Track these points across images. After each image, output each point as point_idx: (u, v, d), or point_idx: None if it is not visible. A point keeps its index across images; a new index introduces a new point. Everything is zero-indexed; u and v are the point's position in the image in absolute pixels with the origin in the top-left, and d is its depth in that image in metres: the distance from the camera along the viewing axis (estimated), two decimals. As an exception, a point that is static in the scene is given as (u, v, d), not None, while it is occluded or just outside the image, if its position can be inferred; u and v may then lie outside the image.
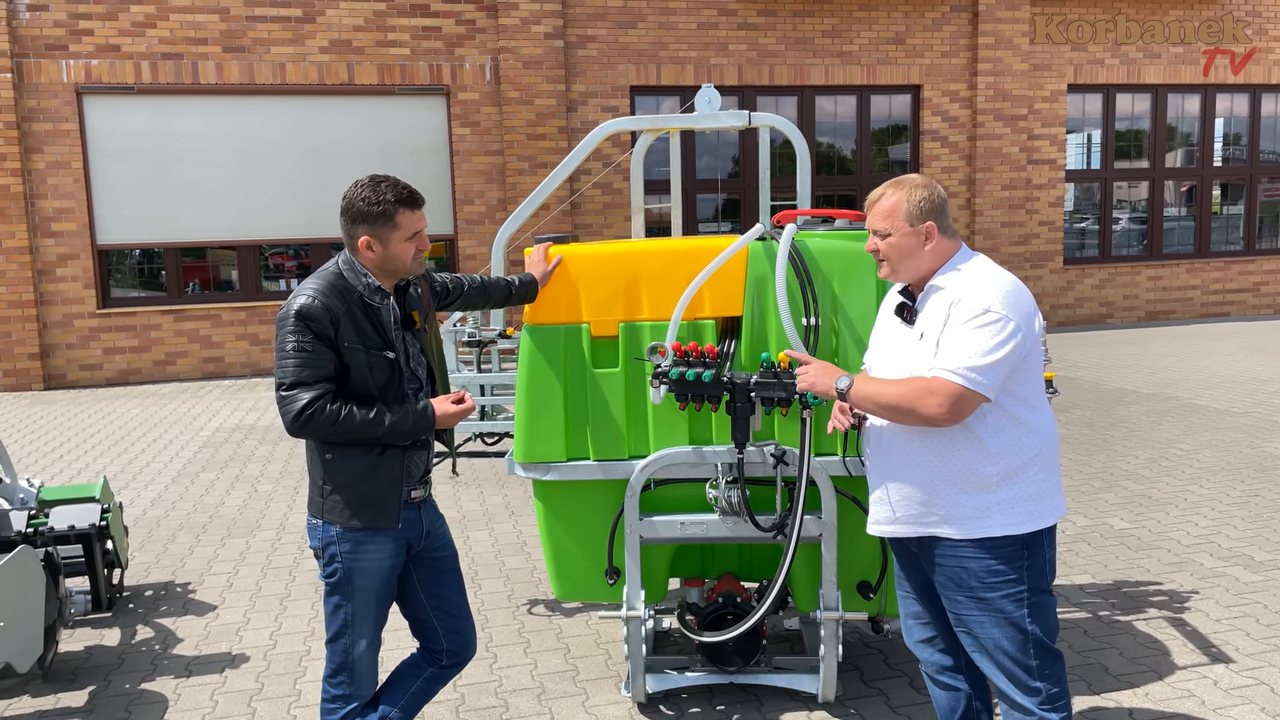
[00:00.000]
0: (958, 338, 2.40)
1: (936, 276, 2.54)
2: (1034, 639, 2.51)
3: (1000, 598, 2.50)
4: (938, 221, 2.54)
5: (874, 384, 2.52)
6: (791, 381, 3.07)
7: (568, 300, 3.35)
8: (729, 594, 3.54)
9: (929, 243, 2.54)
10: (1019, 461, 2.48)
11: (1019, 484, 2.48)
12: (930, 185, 2.57)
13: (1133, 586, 4.57)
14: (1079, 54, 14.37)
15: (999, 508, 2.47)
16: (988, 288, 2.44)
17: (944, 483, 2.50)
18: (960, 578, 2.53)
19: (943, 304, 2.49)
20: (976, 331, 2.38)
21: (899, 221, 2.55)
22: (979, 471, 2.47)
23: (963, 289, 2.46)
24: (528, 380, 3.36)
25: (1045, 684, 2.53)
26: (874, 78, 13.78)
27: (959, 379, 2.36)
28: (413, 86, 12.21)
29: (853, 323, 3.29)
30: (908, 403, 2.41)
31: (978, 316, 2.39)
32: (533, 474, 3.39)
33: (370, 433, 2.50)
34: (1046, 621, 2.53)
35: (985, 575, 2.50)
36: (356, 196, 2.56)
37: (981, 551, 2.49)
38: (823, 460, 3.30)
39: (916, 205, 2.54)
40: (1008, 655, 2.53)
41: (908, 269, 2.58)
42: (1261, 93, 15.24)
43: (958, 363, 2.37)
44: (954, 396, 2.37)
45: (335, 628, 2.64)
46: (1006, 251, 14.38)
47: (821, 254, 3.31)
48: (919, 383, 2.42)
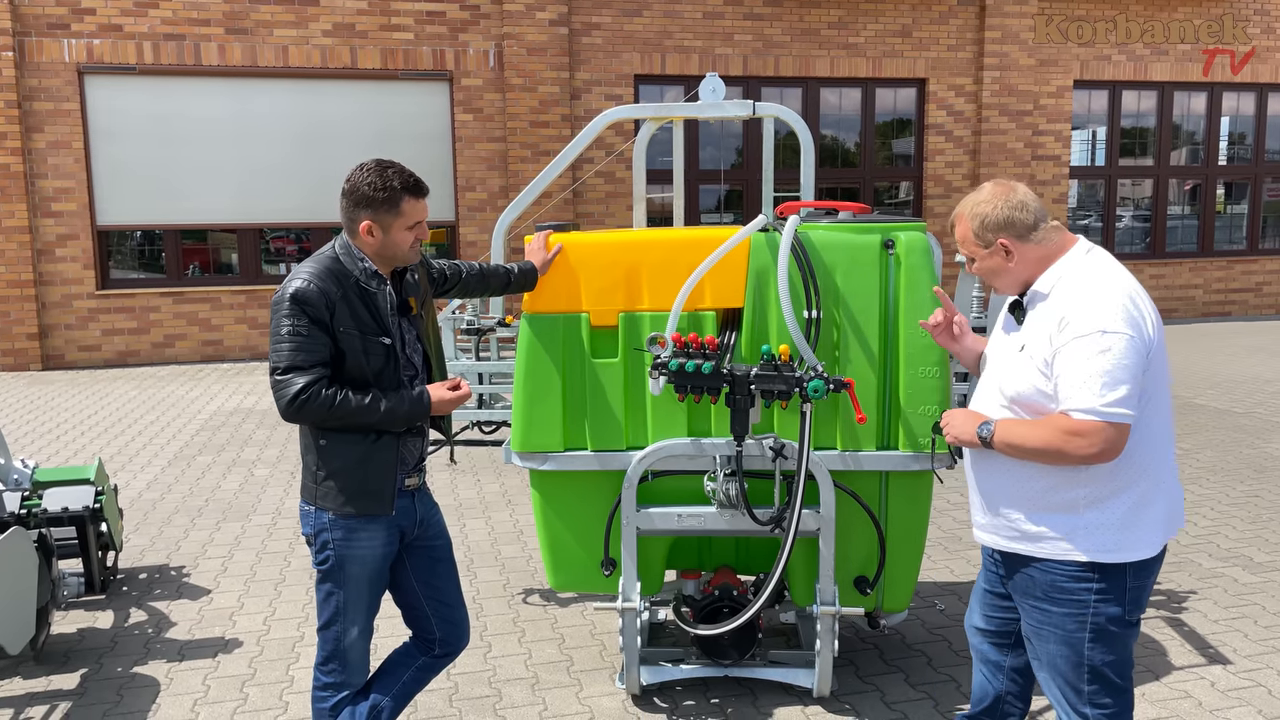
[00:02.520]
0: (1078, 368, 2.28)
1: (1039, 281, 2.47)
2: (1090, 666, 2.42)
3: (1063, 615, 2.43)
4: (1013, 234, 2.46)
5: (1015, 431, 2.40)
6: (791, 374, 3.04)
7: (567, 289, 3.31)
8: (725, 587, 3.52)
9: (1010, 257, 2.48)
10: (1111, 488, 2.37)
11: (1108, 510, 2.37)
12: (997, 198, 2.49)
13: (1130, 586, 4.55)
14: (1086, 50, 14.30)
15: (1082, 532, 2.38)
16: (1097, 303, 2.32)
17: (1029, 500, 2.45)
18: (1028, 588, 2.49)
19: (1048, 317, 2.39)
20: (1097, 358, 2.26)
21: (973, 247, 2.54)
22: (1065, 494, 2.40)
23: (1070, 304, 2.35)
24: (526, 369, 3.33)
25: (1095, 711, 2.43)
26: (879, 70, 13.71)
27: (1097, 417, 2.25)
28: (416, 71, 12.14)
29: (854, 316, 3.26)
30: (1055, 448, 2.31)
31: (1091, 339, 2.27)
32: (530, 464, 3.37)
33: (365, 418, 2.48)
34: (1112, 653, 2.41)
35: (1051, 590, 2.43)
36: (362, 180, 2.53)
37: (1052, 565, 2.42)
38: (822, 454, 3.28)
39: (981, 228, 2.50)
40: (1060, 674, 2.47)
41: (1004, 284, 2.56)
42: (1268, 92, 15.17)
43: (1090, 401, 2.26)
44: (1101, 436, 2.26)
45: (327, 615, 2.62)
46: (1009, 247, 14.33)
47: (824, 247, 3.27)
48: (1058, 424, 2.30)
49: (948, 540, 5.24)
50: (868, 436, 3.31)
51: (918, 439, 3.28)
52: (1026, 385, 2.40)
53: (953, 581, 4.66)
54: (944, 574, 4.76)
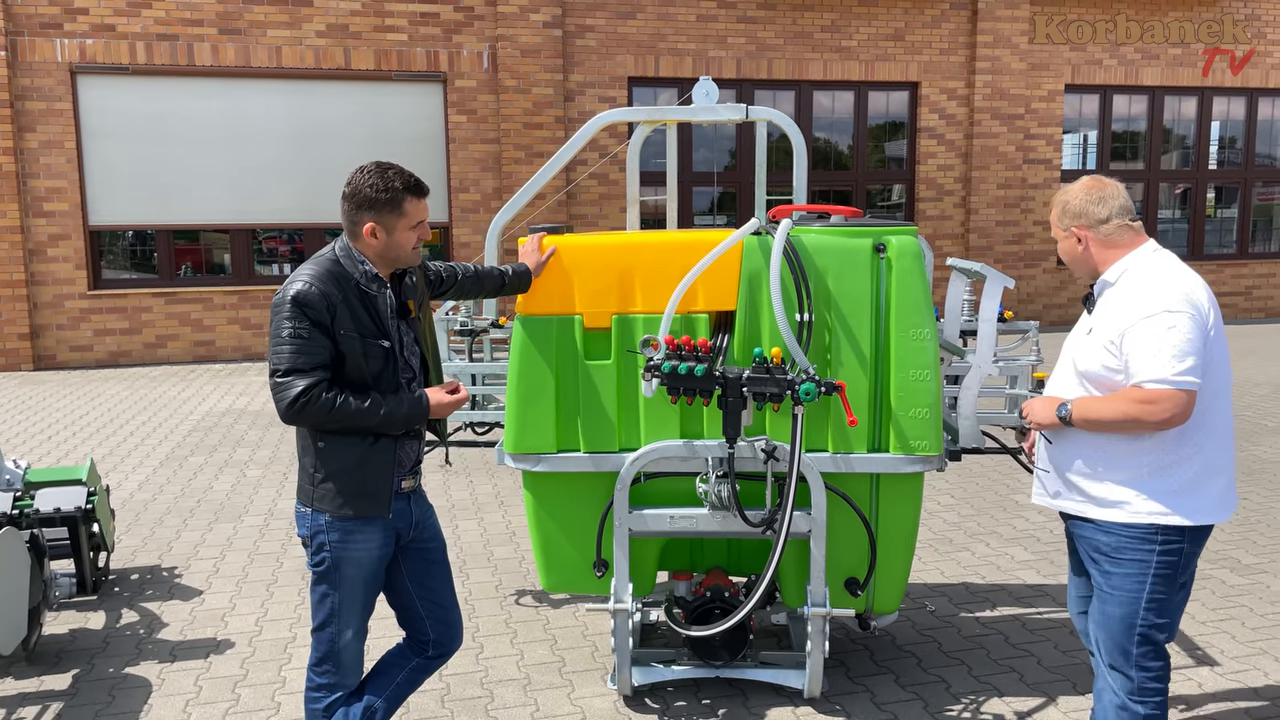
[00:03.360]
0: (1147, 344, 2.55)
1: (1108, 271, 2.76)
2: (1141, 630, 2.67)
3: (1123, 575, 2.67)
4: (1085, 223, 2.76)
5: (1091, 407, 2.67)
6: (783, 376, 3.06)
7: (561, 291, 3.33)
8: (717, 588, 3.53)
9: (1081, 245, 2.78)
10: (1175, 457, 2.63)
11: (1169, 477, 2.63)
12: (1081, 190, 2.79)
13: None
14: (1077, 54, 14.37)
15: (1145, 497, 2.64)
16: (1160, 288, 2.61)
17: (1099, 465, 2.70)
18: (1095, 550, 2.74)
19: (1114, 303, 2.69)
20: (1165, 334, 2.54)
21: (1056, 229, 2.87)
22: (1132, 460, 2.65)
23: (1136, 291, 2.65)
24: (519, 371, 3.35)
25: (1140, 675, 2.69)
26: (872, 74, 13.76)
27: (1169, 385, 2.52)
28: (410, 73, 12.14)
29: (846, 319, 3.28)
30: (1131, 417, 2.58)
31: (1158, 318, 2.55)
32: (523, 465, 3.38)
33: (365, 421, 2.49)
34: (1162, 617, 2.67)
35: (1115, 552, 2.68)
36: (364, 183, 2.54)
37: (1117, 529, 2.67)
38: (813, 456, 3.30)
39: (1062, 213, 2.82)
40: (1113, 636, 2.71)
41: (1077, 268, 2.86)
42: (1259, 96, 15.26)
43: (1161, 371, 2.52)
44: (1173, 402, 2.52)
45: (322, 616, 2.63)
46: (1000, 250, 14.39)
47: (816, 250, 3.29)
48: (1131, 395, 2.58)
49: (938, 542, 5.27)
50: (859, 439, 3.33)
51: (909, 441, 3.30)
52: (1095, 364, 2.68)
53: (943, 583, 4.69)
54: (934, 575, 4.79)
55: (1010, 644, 4.00)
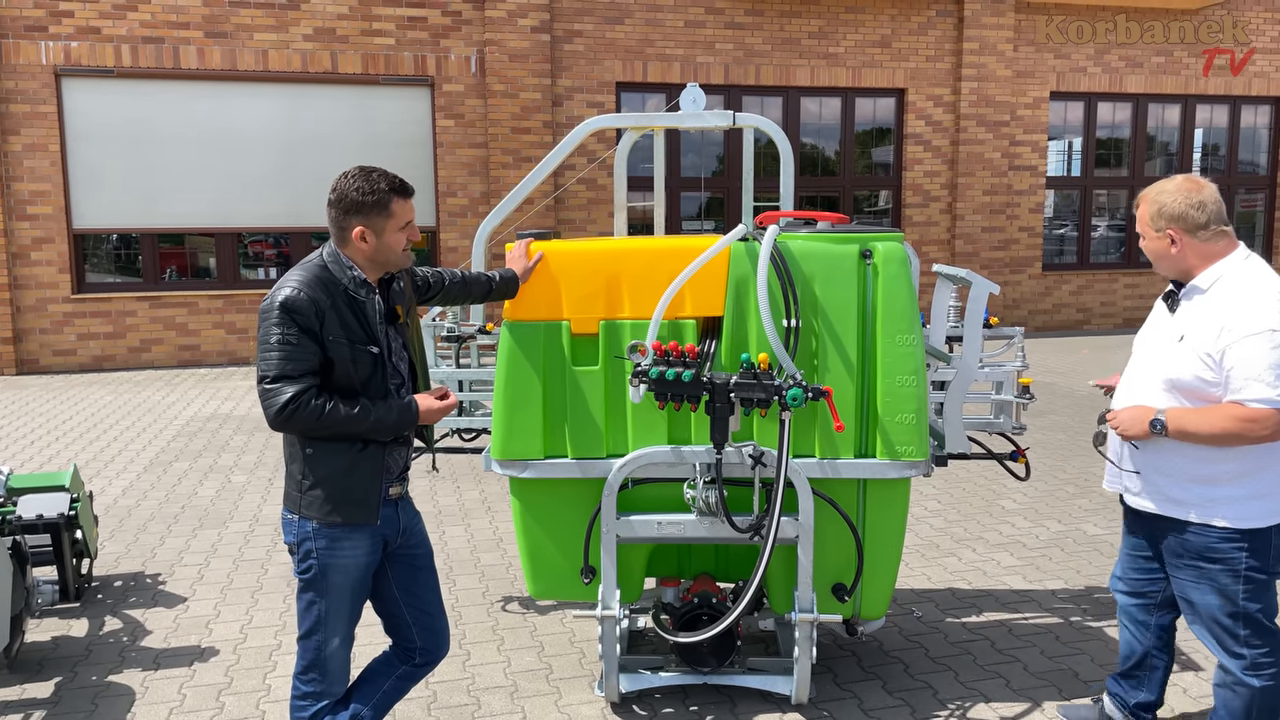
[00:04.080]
0: (1252, 362, 2.62)
1: (1200, 277, 2.82)
2: (1244, 613, 2.80)
3: (1218, 570, 2.80)
4: (1182, 226, 2.80)
5: (1189, 421, 2.74)
6: (770, 382, 3.07)
7: (548, 297, 3.32)
8: (704, 594, 3.53)
9: (1174, 246, 2.82)
10: (1254, 464, 2.73)
11: (1250, 483, 2.74)
12: (1179, 191, 2.81)
13: (1105, 593, 4.60)
14: (1062, 62, 14.47)
15: (1227, 501, 2.75)
16: (1262, 304, 2.67)
17: (1184, 472, 2.80)
18: (1181, 550, 2.86)
19: (1210, 312, 2.74)
20: (1269, 353, 2.61)
21: (1146, 228, 2.89)
22: (1214, 468, 2.75)
23: (1235, 304, 2.70)
24: (506, 376, 3.34)
25: (1251, 651, 2.82)
26: (859, 80, 13.81)
27: (1272, 405, 2.61)
28: (397, 77, 12.12)
29: (833, 325, 3.29)
30: (1232, 433, 2.66)
31: (1263, 336, 2.62)
32: (509, 471, 3.37)
33: (354, 428, 2.48)
34: (1260, 600, 2.80)
35: (1206, 551, 2.80)
36: (349, 187, 2.53)
37: (1205, 530, 2.79)
38: (800, 462, 3.30)
39: (1157, 213, 2.84)
40: (1217, 623, 2.83)
41: (1164, 267, 2.90)
42: (1241, 104, 15.40)
43: (1265, 392, 2.61)
44: (1275, 421, 2.62)
45: (308, 624, 2.61)
46: (986, 256, 14.47)
47: (803, 256, 3.30)
48: (1233, 412, 2.65)
49: (924, 548, 5.28)
50: (846, 444, 3.33)
51: (895, 447, 3.31)
52: (1188, 374, 2.74)
53: (930, 588, 4.70)
54: (921, 581, 4.80)
55: (997, 650, 4.01)
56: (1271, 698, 2.84)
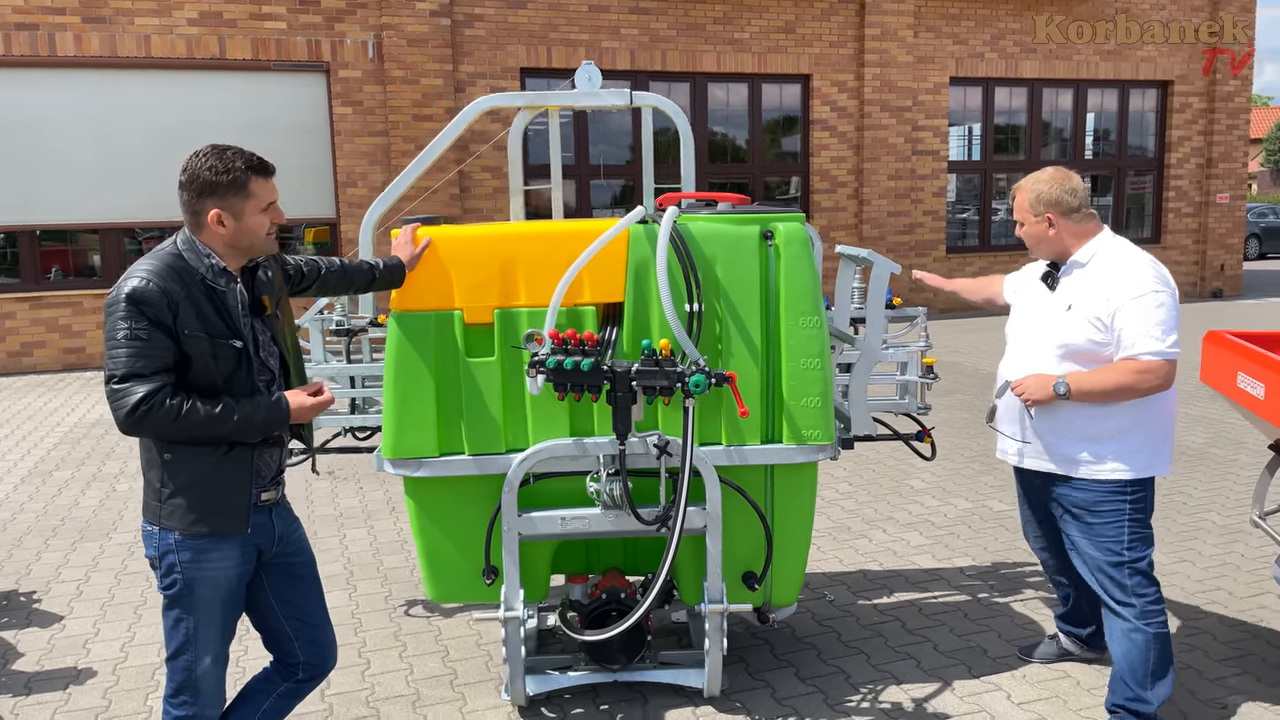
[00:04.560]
0: (1140, 320, 2.90)
1: (1078, 253, 3.11)
2: (1129, 562, 3.05)
3: (1105, 523, 3.06)
4: (1058, 210, 3.09)
5: (1088, 381, 2.97)
6: (673, 369, 2.96)
7: (438, 285, 3.16)
8: (613, 590, 3.42)
9: (1052, 229, 3.11)
10: (1135, 421, 3.02)
11: (1132, 438, 3.02)
12: (1054, 180, 3.11)
13: (1011, 568, 4.65)
14: (960, 47, 14.76)
15: (1114, 455, 3.02)
16: (1140, 269, 2.98)
17: (1076, 432, 3.06)
18: (1071, 505, 3.12)
19: (1092, 281, 3.03)
20: (1152, 311, 2.90)
21: (1025, 214, 3.17)
22: (1102, 425, 3.02)
23: (1115, 272, 2.99)
24: (396, 370, 3.16)
25: (1141, 600, 3.06)
26: (765, 66, 13.85)
27: (1161, 357, 2.89)
28: (290, 63, 11.67)
29: (735, 308, 3.20)
30: (1126, 385, 2.92)
31: (1144, 298, 2.91)
32: (402, 470, 3.20)
33: (216, 430, 2.28)
34: (1143, 551, 3.07)
35: (1094, 505, 3.06)
36: (201, 166, 2.33)
37: (1093, 485, 3.06)
38: (706, 450, 3.21)
39: (1036, 199, 3.12)
40: (1106, 574, 3.09)
41: (1043, 250, 3.18)
42: (1130, 88, 15.96)
43: (1154, 345, 2.89)
44: (1164, 372, 2.90)
45: (176, 643, 2.41)
46: (892, 240, 14.69)
47: (704, 238, 3.20)
48: (1128, 366, 2.92)
49: (836, 530, 5.27)
50: (752, 430, 3.26)
51: (801, 431, 3.25)
52: (1081, 338, 3.00)
53: (842, 571, 4.68)
54: (833, 564, 4.78)
55: (908, 630, 4.01)
56: (1165, 644, 3.07)
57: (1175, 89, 15.92)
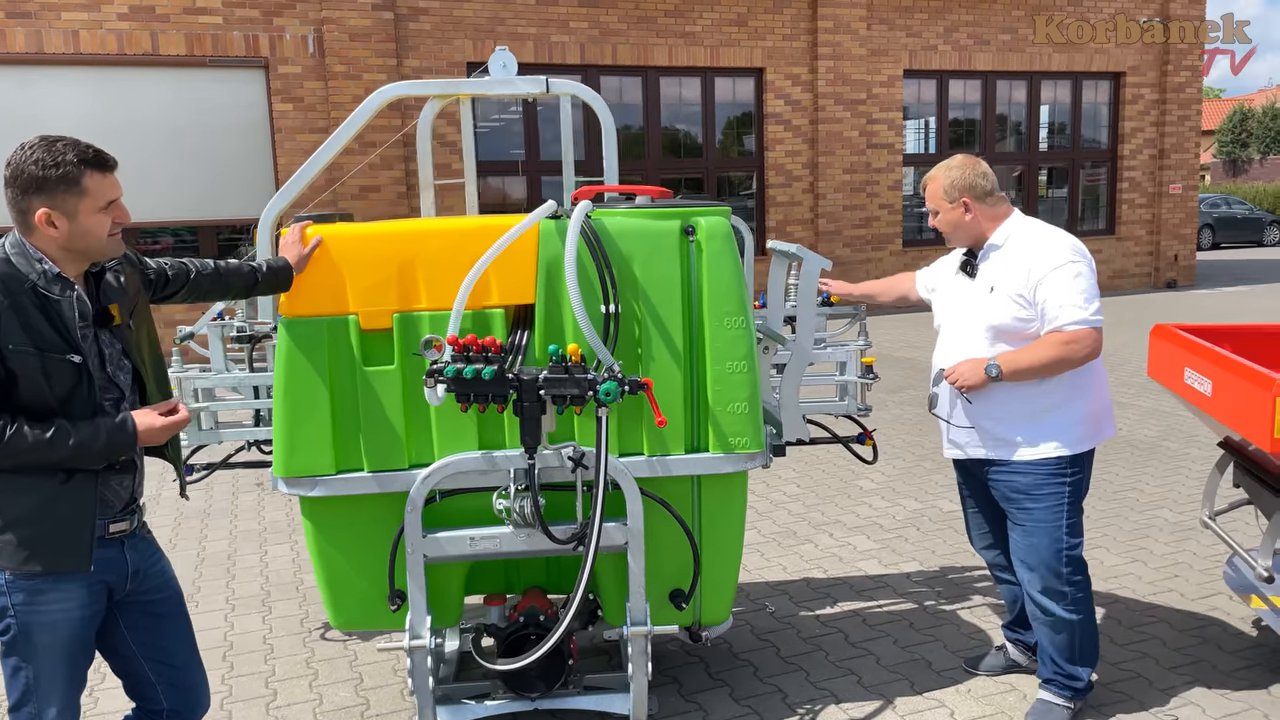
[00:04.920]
0: (1062, 291, 2.89)
1: (994, 235, 3.09)
2: (1068, 549, 3.03)
3: (1045, 507, 3.02)
4: (973, 194, 3.07)
5: (1019, 359, 2.95)
6: (584, 376, 2.74)
7: (331, 288, 2.91)
8: (531, 612, 3.19)
9: (968, 214, 3.08)
10: (1069, 394, 3.00)
11: (1069, 412, 3.01)
12: (965, 166, 3.09)
13: (959, 573, 4.49)
14: (913, 40, 14.67)
15: (1053, 431, 3.00)
16: (1055, 243, 2.98)
17: (1013, 413, 3.02)
18: (1012, 491, 3.08)
19: (1010, 260, 3.01)
20: (1072, 282, 2.90)
21: (939, 202, 3.12)
22: (1038, 402, 3.00)
23: (1032, 248, 2.99)
24: (286, 381, 2.91)
25: (1071, 589, 3.04)
26: (717, 60, 13.67)
27: (1087, 325, 2.88)
28: (226, 59, 11.28)
29: (655, 308, 2.99)
30: (1057, 358, 2.90)
31: (1063, 269, 2.91)
32: (297, 490, 2.95)
33: (48, 456, 2.02)
34: (1077, 536, 3.06)
35: (1034, 489, 3.03)
36: (26, 160, 2.07)
37: (1033, 468, 3.02)
38: (628, 461, 3.00)
39: (950, 185, 3.09)
40: (1045, 564, 3.04)
41: (960, 237, 3.16)
42: (1083, 80, 15.97)
43: (1078, 314, 2.88)
44: (1092, 340, 2.89)
45: (17, 694, 2.15)
46: (849, 234, 14.59)
47: (620, 234, 2.98)
48: (1056, 339, 2.90)
49: (781, 535, 5.09)
50: (676, 439, 3.04)
51: (728, 439, 3.04)
52: (1007, 317, 2.98)
53: (785, 580, 4.49)
54: (776, 572, 4.58)
55: (850, 643, 3.82)
56: (1090, 629, 3.11)
57: (1127, 80, 15.97)
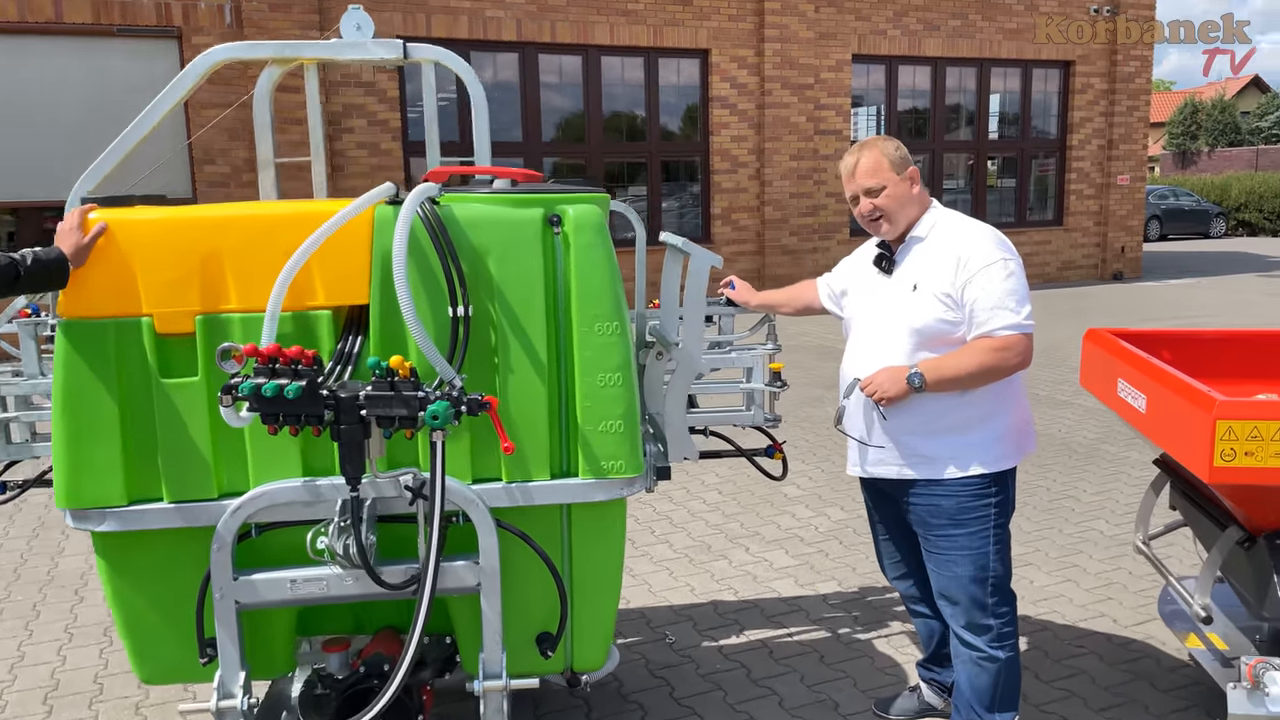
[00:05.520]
0: (992, 292, 2.58)
1: (917, 227, 2.75)
2: (994, 577, 2.72)
3: (970, 533, 2.70)
4: (912, 167, 2.75)
5: (945, 367, 2.62)
6: (414, 394, 2.31)
7: (119, 284, 2.44)
8: (376, 659, 2.75)
9: (915, 186, 2.75)
10: (994, 406, 2.70)
11: (994, 425, 2.71)
12: (890, 141, 2.77)
13: (878, 594, 4.14)
14: (862, 24, 14.33)
15: (979, 446, 2.69)
16: (984, 239, 2.67)
17: (934, 426, 2.68)
18: (933, 515, 2.74)
19: (935, 255, 2.68)
20: (1003, 282, 2.59)
21: (886, 175, 2.72)
22: (962, 414, 2.68)
23: (959, 242, 2.66)
24: (65, 395, 2.44)
25: (998, 622, 2.74)
26: (660, 39, 13.21)
27: (1019, 330, 2.58)
28: (136, 28, 10.61)
29: (514, 311, 2.56)
30: (988, 366, 2.59)
31: (994, 267, 2.60)
32: (84, 524, 2.48)
33: None
34: (1006, 562, 2.75)
35: (958, 513, 2.70)
36: None
37: (956, 489, 2.70)
38: (483, 488, 2.57)
39: (894, 153, 2.74)
40: (969, 594, 2.72)
41: (903, 217, 2.75)
42: (1032, 68, 15.75)
43: (1010, 318, 2.57)
44: (1024, 347, 2.60)
45: None
46: (795, 223, 14.25)
47: (472, 224, 2.55)
48: (986, 344, 2.59)
49: (694, 550, 4.70)
50: (540, 463, 2.62)
51: (600, 463, 2.63)
52: (930, 318, 2.65)
53: (692, 603, 4.10)
54: (684, 594, 4.20)
55: (752, 680, 3.44)
56: (1014, 670, 2.78)
57: (1076, 69, 15.79)
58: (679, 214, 14.12)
